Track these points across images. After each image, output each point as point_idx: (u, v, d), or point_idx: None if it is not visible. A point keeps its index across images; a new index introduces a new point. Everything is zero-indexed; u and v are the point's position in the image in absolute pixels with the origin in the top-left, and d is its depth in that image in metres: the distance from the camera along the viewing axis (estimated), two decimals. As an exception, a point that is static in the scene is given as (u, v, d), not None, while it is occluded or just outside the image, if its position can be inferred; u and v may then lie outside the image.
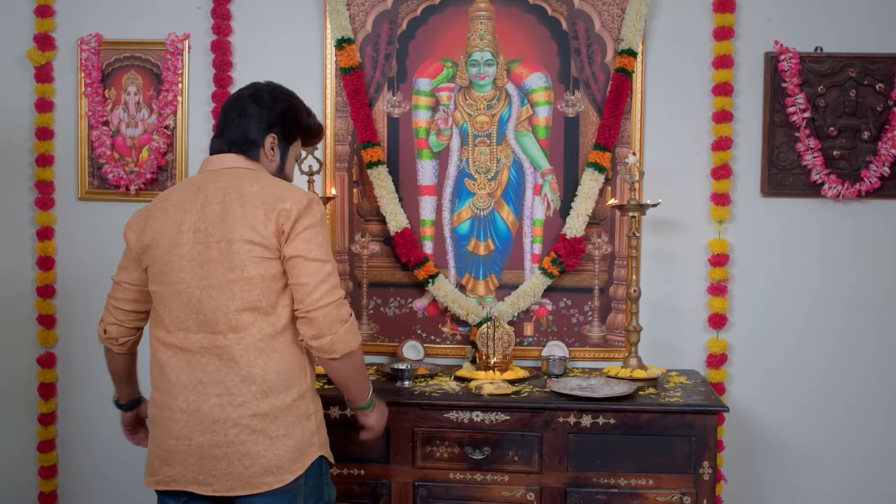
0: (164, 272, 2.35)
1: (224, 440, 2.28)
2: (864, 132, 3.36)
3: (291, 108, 2.52)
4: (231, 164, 2.42)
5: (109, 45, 3.56)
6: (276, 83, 2.56)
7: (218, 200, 2.32)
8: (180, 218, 2.35)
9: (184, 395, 2.31)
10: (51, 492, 3.68)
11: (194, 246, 2.32)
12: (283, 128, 2.50)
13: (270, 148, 2.47)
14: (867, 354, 3.45)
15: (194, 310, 2.31)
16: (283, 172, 2.53)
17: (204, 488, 2.31)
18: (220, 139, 2.46)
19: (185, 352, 2.33)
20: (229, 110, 2.49)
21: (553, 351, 3.41)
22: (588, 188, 3.38)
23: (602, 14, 3.41)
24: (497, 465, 2.93)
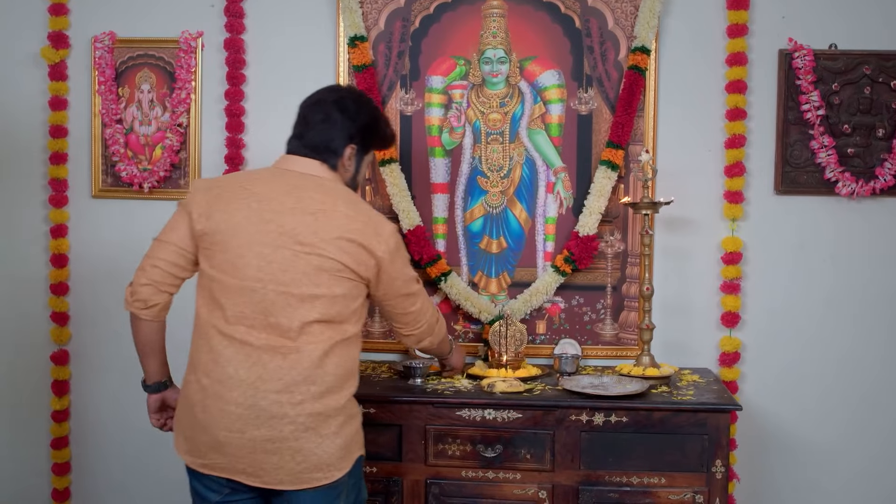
0: (236, 265, 2.35)
1: (279, 436, 2.31)
2: (879, 130, 3.35)
3: (374, 121, 2.58)
4: (316, 173, 2.47)
5: (123, 43, 3.57)
6: (358, 90, 2.65)
7: (311, 211, 2.36)
8: (266, 216, 2.36)
9: (241, 389, 2.32)
10: (64, 488, 3.69)
11: (279, 250, 2.34)
12: (363, 139, 2.55)
13: (349, 158, 2.52)
14: (881, 353, 3.44)
15: (265, 312, 2.33)
16: (353, 181, 2.59)
17: (252, 479, 2.35)
18: (301, 141, 2.50)
19: (245, 345, 2.34)
20: (311, 112, 2.52)
21: (565, 349, 3.40)
22: (601, 186, 3.37)
23: (615, 11, 3.41)
24: (509, 463, 2.93)
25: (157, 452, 3.67)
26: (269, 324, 2.33)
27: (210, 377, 2.36)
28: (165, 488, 3.69)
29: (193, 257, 2.45)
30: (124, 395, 3.67)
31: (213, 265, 2.38)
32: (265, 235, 2.34)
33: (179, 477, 3.69)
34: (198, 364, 2.41)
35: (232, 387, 2.33)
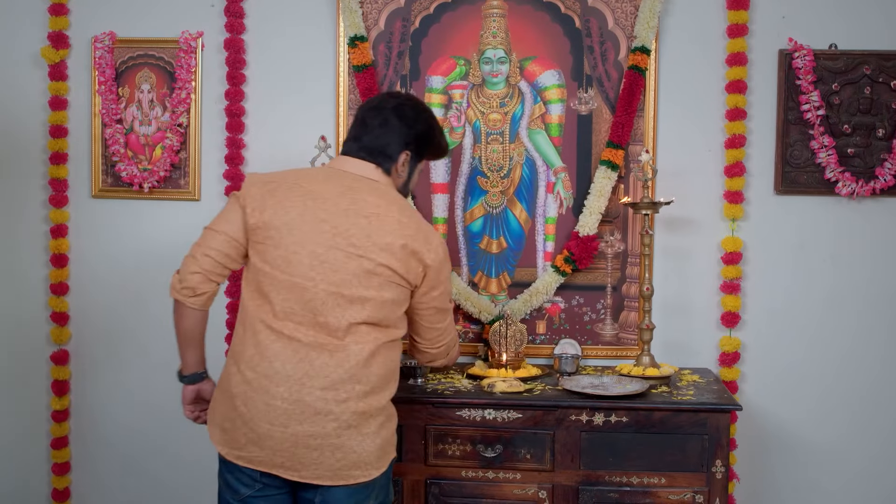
0: (289, 261, 2.36)
1: (322, 432, 2.33)
2: (879, 130, 3.35)
3: (430, 129, 2.60)
4: (371, 176, 2.49)
5: (123, 43, 3.57)
6: (417, 98, 2.67)
7: (365, 214, 2.39)
8: (321, 215, 2.38)
9: (287, 385, 2.33)
10: (64, 488, 3.69)
11: (332, 250, 2.36)
12: (418, 147, 2.57)
13: (402, 164, 2.55)
14: (881, 352, 3.44)
15: (314, 310, 2.35)
16: (406, 188, 2.62)
17: (290, 473, 2.36)
18: (358, 144, 2.52)
19: (293, 341, 2.35)
20: (369, 116, 2.54)
21: (565, 349, 3.40)
22: (601, 186, 3.37)
23: (615, 11, 3.41)
24: (509, 462, 2.93)
25: (156, 452, 3.68)
26: (317, 322, 2.35)
27: (255, 371, 2.36)
28: (165, 488, 3.69)
29: (244, 250, 2.46)
30: (124, 395, 3.67)
31: (265, 260, 2.39)
32: (319, 235, 2.36)
33: (179, 476, 3.71)
34: (241, 357, 2.40)
35: (279, 382, 2.33)
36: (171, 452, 3.68)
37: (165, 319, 3.62)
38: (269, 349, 2.35)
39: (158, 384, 3.64)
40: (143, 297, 3.63)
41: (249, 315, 2.41)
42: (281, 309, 2.36)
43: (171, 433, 3.66)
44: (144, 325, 3.64)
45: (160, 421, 3.65)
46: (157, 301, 3.60)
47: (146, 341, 3.64)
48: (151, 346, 3.64)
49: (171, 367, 3.63)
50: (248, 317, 2.41)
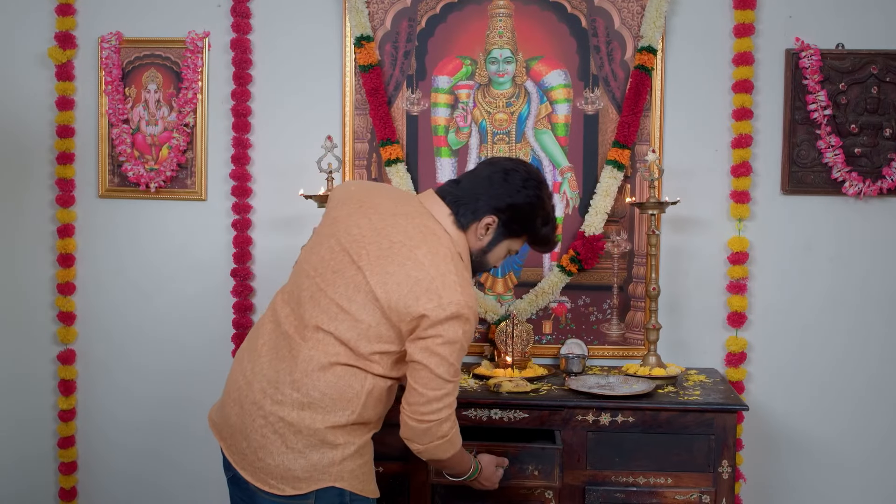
0: (312, 251, 2.37)
1: (251, 424, 2.28)
2: (886, 129, 3.34)
3: (530, 206, 2.39)
4: (437, 216, 2.35)
5: (130, 43, 3.58)
6: (540, 174, 2.46)
7: (392, 239, 2.27)
8: (361, 221, 2.32)
9: (252, 365, 2.33)
10: (71, 488, 3.70)
11: (343, 252, 2.30)
12: (510, 219, 2.38)
13: (485, 228, 2.37)
14: (887, 353, 3.43)
15: (300, 300, 2.32)
16: (483, 257, 2.43)
17: (228, 454, 2.34)
18: (454, 187, 2.40)
19: (279, 327, 2.34)
20: (481, 167, 2.43)
21: (572, 349, 3.40)
22: (607, 186, 3.37)
23: (622, 11, 3.40)
24: (515, 462, 2.92)
25: (163, 452, 3.68)
26: (298, 314, 2.32)
27: (248, 343, 2.41)
28: (172, 487, 3.69)
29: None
30: (130, 395, 3.68)
31: (307, 245, 2.44)
32: (345, 235, 2.32)
33: (185, 476, 3.72)
34: (252, 329, 2.46)
35: (251, 359, 2.34)
36: (176, 452, 3.68)
37: (172, 318, 3.65)
38: (264, 328, 2.37)
39: (165, 383, 3.65)
40: (149, 297, 3.64)
41: (275, 295, 2.45)
42: (288, 292, 2.39)
43: (176, 432, 3.66)
44: (151, 325, 3.64)
45: (166, 420, 3.66)
46: (164, 300, 3.62)
47: (153, 341, 3.65)
48: (158, 345, 3.65)
49: (175, 366, 3.66)
50: (274, 297, 2.45)
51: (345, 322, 2.25)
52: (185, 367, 3.64)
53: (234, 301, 3.57)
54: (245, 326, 3.56)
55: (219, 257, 3.59)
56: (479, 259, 2.43)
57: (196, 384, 3.62)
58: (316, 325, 2.27)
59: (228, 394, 2.36)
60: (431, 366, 2.22)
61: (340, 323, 2.26)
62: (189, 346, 3.64)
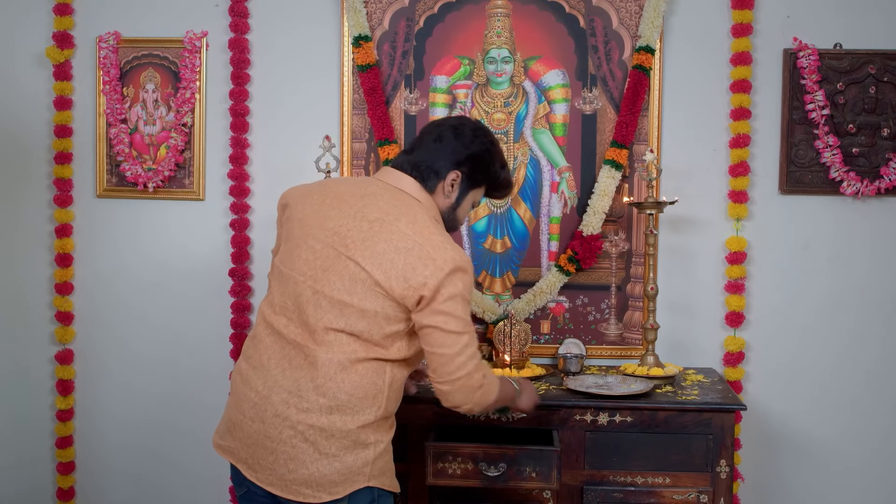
0: (292, 256, 2.34)
1: (278, 437, 2.25)
2: (884, 129, 3.34)
3: (486, 153, 2.45)
4: (404, 188, 2.39)
5: (128, 42, 3.57)
6: (483, 124, 2.55)
7: (370, 219, 2.28)
8: (330, 213, 2.33)
9: (264, 379, 2.30)
10: (69, 488, 3.70)
11: (326, 248, 2.29)
12: (472, 169, 2.44)
13: (451, 184, 2.43)
14: (886, 352, 3.43)
15: (299, 307, 2.30)
16: (453, 213, 2.48)
17: (250, 472, 2.30)
18: (407, 157, 2.44)
19: (281, 338, 2.32)
20: (427, 133, 2.47)
21: (570, 349, 3.40)
22: (605, 185, 3.37)
23: (620, 11, 3.40)
24: (513, 464, 2.92)
25: (161, 451, 3.68)
26: (302, 321, 2.30)
27: (249, 361, 2.37)
28: (170, 487, 3.69)
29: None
30: (128, 394, 3.68)
31: (280, 256, 2.41)
32: (321, 231, 2.31)
33: (184, 476, 3.72)
34: (246, 347, 2.42)
35: (260, 374, 2.32)
36: (175, 452, 3.68)
37: (170, 318, 3.65)
38: (263, 342, 2.35)
39: (163, 383, 3.65)
40: (147, 297, 3.63)
41: (261, 307, 2.42)
42: (278, 303, 2.35)
43: (175, 432, 3.66)
44: (149, 325, 3.64)
45: (164, 420, 3.66)
46: (162, 300, 3.62)
47: (151, 340, 3.65)
48: (156, 345, 3.65)
49: (173, 366, 3.66)
50: (260, 309, 2.43)
51: (352, 315, 2.25)
52: (184, 367, 3.64)
53: (232, 301, 3.57)
54: (243, 326, 3.56)
55: (217, 257, 3.58)
56: (450, 217, 2.48)
57: (194, 384, 3.62)
58: (325, 326, 2.26)
59: (243, 413, 2.32)
60: (440, 325, 2.24)
61: (348, 317, 2.25)
62: (187, 345, 3.64)
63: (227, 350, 3.58)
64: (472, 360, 2.29)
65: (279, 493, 2.26)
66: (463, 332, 2.27)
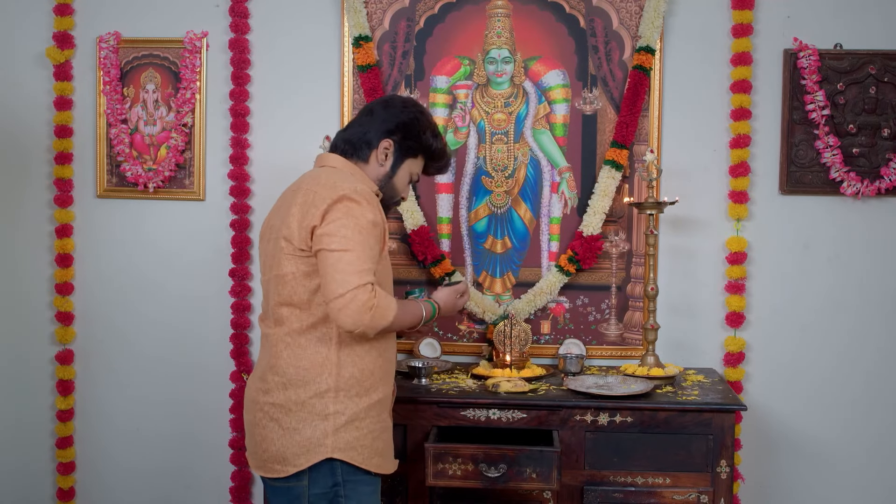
0: (261, 261, 2.53)
1: (252, 420, 2.45)
2: (885, 129, 3.34)
3: (416, 121, 2.54)
4: (328, 164, 2.51)
5: (128, 43, 3.57)
6: (414, 99, 2.65)
7: (288, 200, 2.41)
8: (273, 214, 2.48)
9: (251, 376, 2.52)
10: (69, 488, 3.70)
11: (267, 242, 2.47)
12: (403, 137, 2.53)
13: (384, 153, 2.53)
14: (886, 352, 3.43)
15: (266, 299, 2.49)
16: (390, 183, 2.56)
17: (249, 460, 2.51)
18: (341, 135, 2.57)
19: (262, 334, 2.51)
20: (361, 110, 2.60)
21: (570, 349, 3.40)
22: (605, 186, 3.37)
23: (620, 11, 3.40)
24: (513, 465, 2.92)
25: (161, 452, 3.68)
26: (265, 310, 2.50)
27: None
28: (170, 488, 3.69)
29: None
30: (129, 395, 3.67)
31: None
32: (267, 231, 2.50)
33: (184, 476, 3.71)
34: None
35: (251, 374, 2.54)
36: (175, 452, 3.68)
37: (170, 319, 3.64)
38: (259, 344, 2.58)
39: (163, 384, 3.65)
40: (147, 297, 3.63)
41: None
42: (262, 302, 2.54)
43: (175, 433, 3.66)
44: (149, 325, 3.64)
45: (164, 420, 3.66)
46: (162, 301, 3.62)
47: (151, 341, 3.64)
48: (156, 345, 3.64)
49: (173, 366, 3.66)
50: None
51: (281, 285, 2.39)
52: (184, 367, 3.64)
53: (233, 301, 3.57)
54: (243, 326, 3.56)
55: (217, 257, 3.58)
56: (386, 186, 2.56)
57: (195, 384, 3.62)
58: (272, 305, 2.43)
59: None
60: (323, 245, 2.28)
61: (281, 287, 2.39)
62: (187, 346, 3.64)
63: (227, 350, 3.58)
64: (355, 277, 2.25)
65: (261, 472, 2.44)
66: (346, 250, 2.26)
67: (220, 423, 3.61)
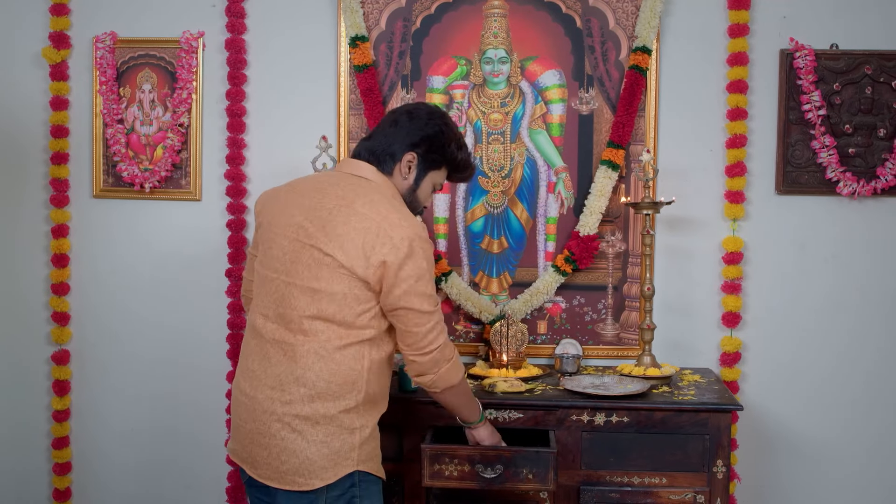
0: (267, 256, 2.43)
1: (268, 431, 2.34)
2: (880, 129, 3.35)
3: (440, 134, 2.50)
4: (359, 173, 2.45)
5: (124, 43, 3.57)
6: (438, 108, 2.59)
7: (328, 207, 2.36)
8: (293, 210, 2.40)
9: (250, 381, 2.40)
10: (65, 488, 3.69)
11: (293, 242, 2.37)
12: (427, 150, 2.49)
13: (407, 166, 2.48)
14: (882, 352, 3.44)
15: (276, 302, 2.38)
16: (413, 195, 2.53)
17: (251, 470, 2.40)
18: (365, 144, 2.51)
19: (260, 338, 2.40)
20: (385, 119, 2.55)
21: (566, 349, 3.40)
22: (602, 186, 3.37)
23: (616, 11, 3.41)
24: (510, 465, 2.91)
25: (158, 452, 3.68)
26: (278, 315, 2.37)
27: (239, 367, 2.48)
28: (167, 488, 3.69)
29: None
30: (125, 395, 3.67)
31: (258, 260, 2.49)
32: (287, 228, 2.39)
33: (181, 476, 3.71)
34: (240, 353, 2.53)
35: (247, 377, 2.42)
36: (172, 452, 3.68)
37: (166, 319, 3.64)
38: (248, 345, 2.45)
39: (159, 384, 3.65)
40: (144, 297, 3.63)
41: (249, 314, 2.52)
42: (258, 304, 2.44)
43: (172, 433, 3.66)
44: (146, 325, 3.64)
45: (161, 421, 3.66)
46: (159, 301, 3.62)
47: (147, 341, 3.64)
48: (152, 345, 3.64)
49: (170, 366, 3.65)
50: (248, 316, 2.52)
51: (322, 300, 2.32)
52: (181, 367, 3.64)
53: (229, 301, 3.56)
54: (240, 326, 3.56)
55: (213, 257, 3.58)
56: (411, 199, 2.53)
57: (191, 384, 3.62)
58: (300, 315, 2.33)
59: (239, 416, 2.44)
60: (414, 306, 2.34)
61: (319, 303, 2.32)
62: (184, 346, 3.63)
63: (223, 350, 3.57)
64: (442, 335, 2.42)
65: (277, 485, 2.35)
66: (433, 311, 2.39)
67: (217, 424, 3.61)
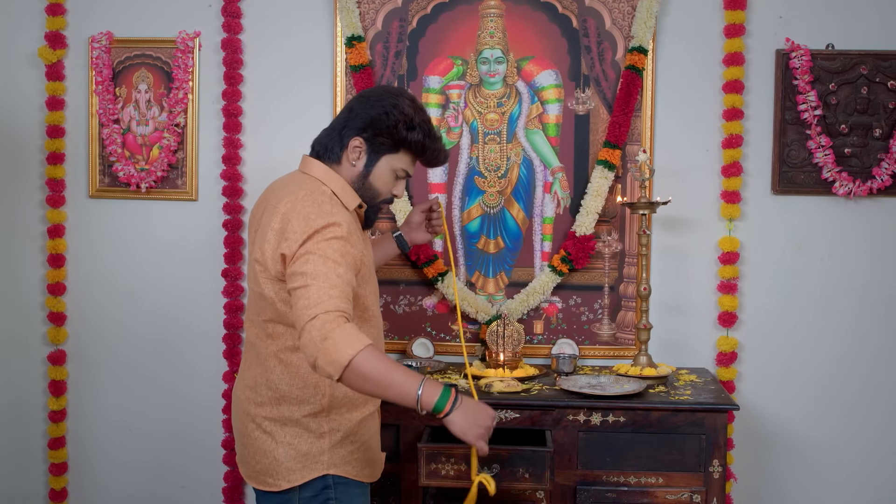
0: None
1: (245, 431, 2.40)
2: (876, 130, 3.35)
3: (385, 115, 2.32)
4: (305, 170, 2.40)
5: (120, 43, 3.57)
6: (397, 88, 2.44)
7: (261, 215, 2.37)
8: (252, 220, 2.46)
9: (237, 381, 2.49)
10: (61, 489, 3.69)
11: (249, 252, 2.43)
12: (374, 134, 2.34)
13: (355, 152, 2.35)
14: (877, 352, 3.44)
15: (249, 306, 2.43)
16: (366, 181, 2.38)
17: (240, 468, 2.48)
18: (320, 135, 2.45)
19: (246, 342, 2.47)
20: (344, 106, 2.46)
21: (563, 349, 3.40)
22: (598, 186, 3.37)
23: (613, 11, 3.41)
24: (506, 465, 2.91)
25: (154, 452, 3.67)
26: (250, 319, 2.44)
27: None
28: (164, 488, 3.68)
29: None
30: (121, 395, 3.67)
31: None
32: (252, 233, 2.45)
33: (178, 477, 3.71)
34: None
35: (238, 380, 2.49)
36: (168, 452, 3.67)
37: (163, 319, 3.64)
38: (243, 352, 2.55)
39: (155, 384, 3.64)
40: (140, 297, 3.63)
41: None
42: (248, 303, 2.50)
43: (168, 433, 3.66)
44: (142, 325, 3.63)
45: (157, 421, 3.65)
46: (155, 301, 3.62)
47: (144, 341, 3.64)
48: (149, 345, 3.64)
49: (166, 366, 3.65)
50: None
51: (262, 303, 2.34)
52: (177, 367, 3.64)
53: (225, 301, 3.56)
54: (236, 327, 3.55)
55: (210, 257, 3.58)
56: (362, 185, 2.39)
57: (187, 384, 3.62)
58: (263, 319, 2.35)
59: (232, 415, 2.52)
60: (292, 284, 2.16)
61: (261, 306, 2.34)
62: (180, 346, 3.63)
63: (219, 351, 3.57)
64: (316, 307, 2.07)
65: (253, 483, 2.41)
66: (308, 285, 2.11)
67: (213, 424, 3.60)
